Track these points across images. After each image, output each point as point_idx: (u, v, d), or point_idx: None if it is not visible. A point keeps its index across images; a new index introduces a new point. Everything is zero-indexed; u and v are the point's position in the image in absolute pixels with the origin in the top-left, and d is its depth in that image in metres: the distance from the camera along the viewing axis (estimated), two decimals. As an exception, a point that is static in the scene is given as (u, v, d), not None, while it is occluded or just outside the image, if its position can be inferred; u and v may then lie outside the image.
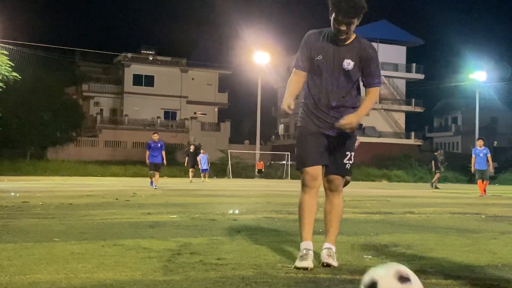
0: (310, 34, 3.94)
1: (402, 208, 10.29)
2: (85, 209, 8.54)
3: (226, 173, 43.16)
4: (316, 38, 3.89)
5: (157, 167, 18.09)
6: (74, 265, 3.71)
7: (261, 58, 47.42)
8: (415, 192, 20.53)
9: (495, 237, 5.82)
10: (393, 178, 46.00)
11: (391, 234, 5.89)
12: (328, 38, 3.85)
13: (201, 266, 3.74)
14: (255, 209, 9.17)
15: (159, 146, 18.09)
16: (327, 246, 3.94)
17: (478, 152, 18.14)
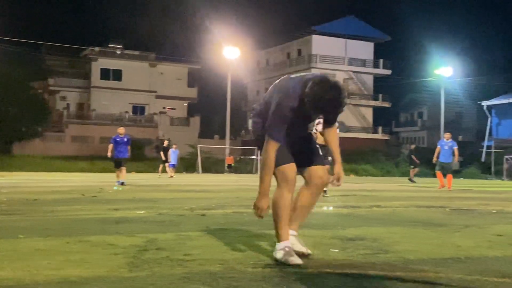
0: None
1: (369, 202, 10.40)
2: (51, 205, 8.42)
3: (195, 168, 43.01)
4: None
5: (123, 162, 17.13)
6: (39, 261, 3.66)
7: (231, 52, 47.32)
8: (382, 186, 20.79)
9: (459, 230, 5.93)
10: (361, 172, 46.41)
11: (358, 228, 5.96)
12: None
13: (167, 262, 3.72)
14: (224, 204, 9.17)
15: (125, 140, 17.22)
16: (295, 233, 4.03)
17: (444, 144, 18.36)
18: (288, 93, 3.75)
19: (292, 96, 3.73)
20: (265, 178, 3.83)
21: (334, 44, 60.66)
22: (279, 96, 3.79)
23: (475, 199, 12.69)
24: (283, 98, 3.76)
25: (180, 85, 62.80)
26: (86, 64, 60.15)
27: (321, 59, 59.92)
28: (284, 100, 3.75)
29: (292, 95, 3.73)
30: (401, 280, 3.33)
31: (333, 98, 3.55)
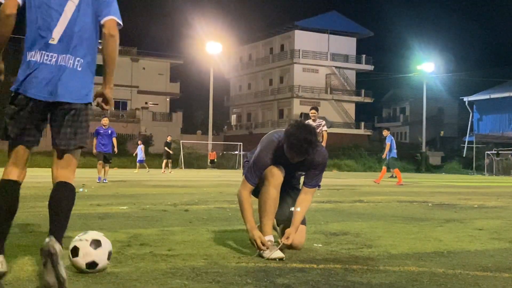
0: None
1: (352, 197, 10.46)
2: (32, 201, 8.33)
3: (178, 164, 42.90)
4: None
5: (108, 158, 15.64)
6: (21, 258, 3.63)
7: (213, 48, 47.21)
8: (365, 181, 20.90)
9: (441, 225, 5.98)
10: (344, 168, 46.65)
11: (341, 223, 5.99)
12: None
13: (151, 258, 3.71)
14: (206, 200, 9.16)
15: (109, 133, 15.47)
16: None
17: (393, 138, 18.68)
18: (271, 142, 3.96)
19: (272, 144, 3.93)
20: (245, 215, 3.95)
21: (316, 40, 60.80)
22: (261, 145, 4.00)
23: (456, 194, 12.82)
24: (263, 147, 3.97)
25: (162, 80, 62.54)
26: (68, 59, 59.58)
27: (304, 54, 60.05)
28: (263, 150, 3.96)
29: (275, 141, 3.93)
30: (385, 274, 3.35)
31: (304, 138, 3.69)
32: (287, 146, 3.76)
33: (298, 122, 3.82)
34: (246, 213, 3.94)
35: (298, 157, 3.79)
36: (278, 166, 3.92)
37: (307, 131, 3.73)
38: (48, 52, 3.09)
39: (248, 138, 55.21)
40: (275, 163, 3.92)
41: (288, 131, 3.77)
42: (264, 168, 3.92)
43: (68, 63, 3.10)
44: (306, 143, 3.70)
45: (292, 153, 3.78)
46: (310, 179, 4.09)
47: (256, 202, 4.01)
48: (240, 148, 45.10)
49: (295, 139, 3.70)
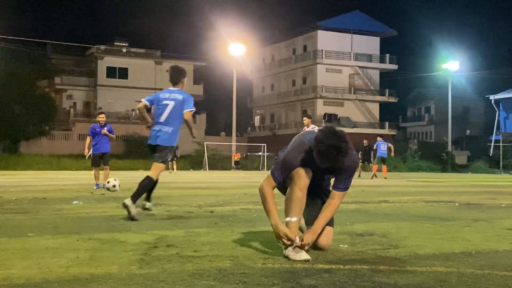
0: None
1: (377, 197, 10.39)
2: (59, 204, 8.44)
3: (202, 165, 43.06)
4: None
5: (107, 159, 13.57)
6: (49, 260, 3.67)
7: (236, 49, 47.28)
8: (390, 181, 20.74)
9: (468, 225, 5.91)
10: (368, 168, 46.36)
11: (366, 223, 5.95)
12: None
13: (177, 259, 3.73)
14: (231, 201, 9.17)
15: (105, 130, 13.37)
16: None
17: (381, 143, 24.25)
18: (301, 143, 3.93)
19: (303, 146, 3.90)
20: (268, 209, 3.94)
21: (339, 39, 60.52)
22: (292, 145, 3.99)
23: (483, 193, 12.64)
24: (293, 148, 3.96)
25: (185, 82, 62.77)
26: (92, 63, 60.31)
27: (327, 54, 59.81)
28: (293, 150, 3.94)
29: (306, 143, 3.90)
30: (412, 275, 3.32)
31: (333, 145, 3.66)
32: (316, 153, 3.73)
33: (329, 128, 3.77)
34: (270, 207, 3.92)
35: (327, 163, 3.76)
36: (306, 168, 3.89)
37: (337, 137, 3.69)
38: (159, 125, 6.83)
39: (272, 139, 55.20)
40: (304, 165, 3.90)
41: (318, 137, 3.73)
42: (291, 169, 3.90)
43: (165, 129, 6.81)
44: (335, 150, 3.67)
45: (321, 160, 3.74)
46: (339, 182, 4.06)
47: (280, 203, 4.00)
48: (263, 149, 45.08)
49: (324, 146, 3.67)
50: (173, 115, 6.75)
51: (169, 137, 6.79)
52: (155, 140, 6.75)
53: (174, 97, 6.78)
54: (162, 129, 6.74)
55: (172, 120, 6.76)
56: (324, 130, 3.76)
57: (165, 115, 6.76)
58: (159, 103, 6.81)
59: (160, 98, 6.84)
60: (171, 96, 6.81)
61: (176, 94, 6.82)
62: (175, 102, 6.75)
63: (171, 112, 6.74)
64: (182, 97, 6.78)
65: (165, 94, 6.88)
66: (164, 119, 6.76)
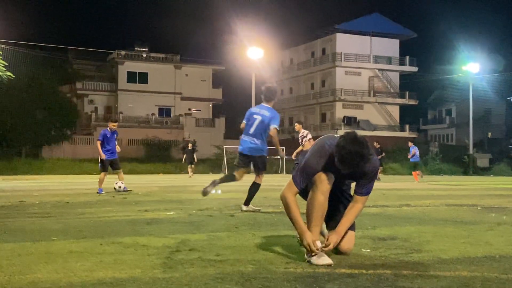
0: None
1: (398, 201, 10.32)
2: (82, 207, 8.53)
3: (221, 169, 43.15)
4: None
5: (117, 164, 13.70)
6: (73, 263, 3.71)
7: (255, 53, 47.34)
8: (411, 184, 20.58)
9: (491, 228, 5.85)
10: (388, 171, 46.04)
11: (388, 227, 5.91)
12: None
13: (200, 263, 3.75)
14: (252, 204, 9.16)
15: (115, 136, 13.55)
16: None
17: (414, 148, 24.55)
18: (322, 148, 3.92)
19: (324, 151, 3.89)
20: (293, 217, 3.92)
21: (358, 42, 60.28)
22: (312, 150, 3.98)
23: (506, 196, 12.50)
24: (314, 153, 3.94)
25: (204, 86, 63.10)
26: (113, 68, 60.83)
27: (346, 57, 59.61)
28: (314, 155, 3.92)
29: (327, 149, 3.88)
30: (436, 279, 3.30)
31: (355, 151, 3.66)
32: (338, 159, 3.72)
33: (350, 134, 3.76)
34: (295, 215, 3.91)
35: (349, 169, 3.76)
36: (327, 173, 3.89)
37: (359, 144, 3.68)
38: (248, 136, 7.85)
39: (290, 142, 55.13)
40: (325, 170, 3.89)
41: (340, 143, 3.72)
42: (313, 174, 3.90)
43: (254, 140, 7.82)
44: (357, 157, 3.67)
45: (343, 166, 3.74)
46: (360, 187, 4.07)
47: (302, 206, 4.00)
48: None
49: (346, 152, 3.66)
50: (260, 128, 7.77)
51: (259, 148, 7.88)
52: (248, 151, 7.88)
53: (262, 113, 7.80)
54: (252, 140, 7.83)
55: (259, 133, 7.78)
56: (346, 137, 3.75)
57: (254, 128, 7.79)
58: (251, 117, 7.89)
59: (252, 112, 7.96)
60: (260, 111, 7.84)
61: (265, 110, 7.83)
62: (263, 117, 7.75)
63: (257, 125, 7.76)
64: (269, 114, 7.75)
65: (256, 109, 7.99)
66: (253, 131, 7.81)
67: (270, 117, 7.76)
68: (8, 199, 10.70)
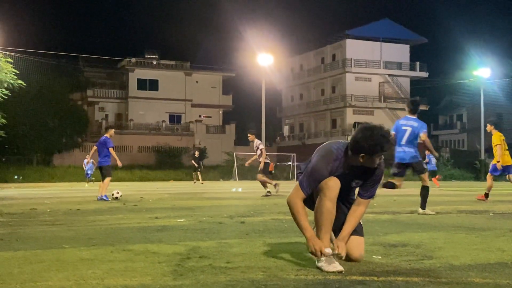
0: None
1: (410, 207, 10.26)
2: (92, 215, 8.56)
3: (232, 175, 43.18)
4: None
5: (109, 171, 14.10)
6: (84, 271, 3.72)
7: (265, 59, 47.41)
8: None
9: (503, 235, 5.80)
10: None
11: (400, 234, 5.88)
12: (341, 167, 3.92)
13: (210, 270, 3.75)
14: (262, 211, 9.17)
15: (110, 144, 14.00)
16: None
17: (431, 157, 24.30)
18: (329, 152, 3.89)
19: (331, 156, 3.87)
20: (301, 223, 3.90)
21: (368, 48, 60.20)
22: (318, 155, 3.93)
23: (518, 202, 12.38)
24: (321, 157, 3.90)
25: (215, 93, 63.27)
26: (123, 75, 61.15)
27: (356, 63, 59.54)
28: (321, 160, 3.88)
29: (335, 153, 3.87)
30: (448, 286, 3.27)
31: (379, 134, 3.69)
32: (369, 148, 3.68)
33: (364, 125, 3.78)
34: (303, 220, 3.88)
35: (381, 154, 3.74)
36: (334, 179, 3.86)
37: (376, 127, 3.72)
38: (401, 146, 8.52)
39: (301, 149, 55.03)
40: (332, 175, 3.88)
41: (359, 136, 3.71)
42: (321, 179, 3.86)
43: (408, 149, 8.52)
44: (383, 138, 3.69)
45: (376, 152, 3.71)
46: (365, 190, 4.04)
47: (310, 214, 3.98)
48: (293, 159, 44.99)
49: (374, 137, 3.66)
50: (411, 138, 8.57)
51: (414, 154, 8.60)
52: (405, 159, 8.60)
53: (411, 124, 8.64)
54: (405, 149, 8.57)
55: (410, 141, 8.57)
56: (361, 128, 3.75)
57: (405, 138, 8.57)
58: (400, 129, 8.68)
59: (400, 124, 8.77)
60: (408, 123, 8.67)
61: (412, 121, 8.68)
62: (412, 128, 8.59)
63: (409, 135, 8.56)
64: (418, 125, 8.63)
65: (403, 121, 8.80)
66: (405, 141, 8.58)
67: (419, 127, 8.63)
68: (19, 206, 10.77)
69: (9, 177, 37.45)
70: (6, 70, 21.83)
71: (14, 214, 8.75)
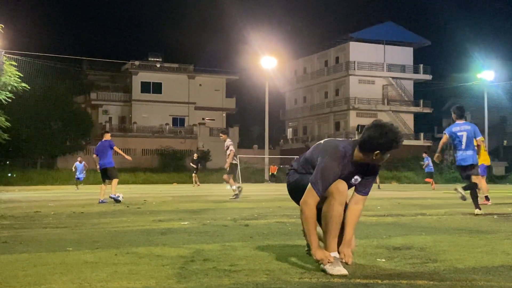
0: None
1: (414, 210, 10.25)
2: (96, 218, 8.57)
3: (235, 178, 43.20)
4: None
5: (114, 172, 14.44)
6: (88, 274, 3.72)
7: (268, 62, 47.44)
8: (426, 193, 20.44)
9: (508, 237, 5.78)
10: (403, 180, 45.83)
11: (404, 237, 5.87)
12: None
13: (214, 273, 3.74)
14: (266, 214, 9.16)
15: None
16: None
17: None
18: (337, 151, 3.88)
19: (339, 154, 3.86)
20: (310, 232, 3.84)
21: (372, 50, 60.21)
22: (327, 154, 3.89)
23: (523, 205, 12.35)
24: (331, 156, 3.87)
25: (218, 96, 63.33)
26: (127, 78, 61.27)
27: (359, 66, 59.56)
28: (332, 159, 3.85)
29: (342, 150, 3.87)
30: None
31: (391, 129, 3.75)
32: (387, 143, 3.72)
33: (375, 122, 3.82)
34: (312, 229, 3.83)
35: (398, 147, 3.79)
36: (343, 182, 3.85)
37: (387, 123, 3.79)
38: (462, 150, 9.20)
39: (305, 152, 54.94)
40: (341, 173, 3.86)
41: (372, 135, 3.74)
42: (335, 178, 3.81)
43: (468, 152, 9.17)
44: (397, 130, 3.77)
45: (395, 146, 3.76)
46: (364, 186, 4.03)
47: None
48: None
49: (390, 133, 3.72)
50: (468, 141, 9.20)
51: (474, 156, 9.28)
52: (468, 162, 9.23)
53: (465, 129, 9.29)
54: (466, 153, 9.19)
55: (468, 144, 9.20)
56: (373, 126, 3.78)
57: (464, 143, 9.21)
58: (455, 135, 9.30)
59: (454, 131, 9.34)
60: (461, 128, 9.31)
61: (465, 126, 9.34)
62: (468, 132, 9.24)
63: (466, 139, 9.21)
64: (471, 128, 9.28)
65: (456, 127, 9.37)
66: (464, 146, 9.21)
67: (473, 130, 9.29)
68: (23, 209, 10.79)
69: (13, 180, 37.51)
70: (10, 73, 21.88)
71: (18, 217, 8.76)
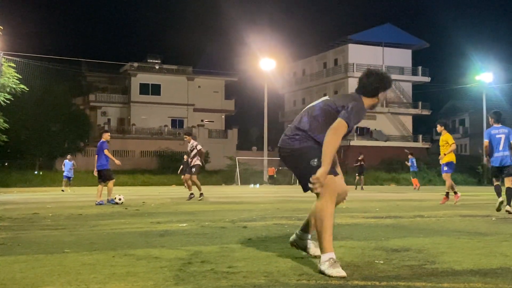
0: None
1: (412, 212, 10.25)
2: (95, 219, 8.56)
3: (234, 180, 43.17)
4: None
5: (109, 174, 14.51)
6: (86, 276, 3.72)
7: (267, 64, 47.46)
8: (424, 195, 20.44)
9: (506, 240, 5.78)
10: (402, 182, 45.81)
11: (402, 238, 5.87)
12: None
13: (212, 275, 3.74)
14: (264, 216, 9.16)
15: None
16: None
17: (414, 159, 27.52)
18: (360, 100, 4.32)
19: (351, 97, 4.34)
20: (330, 156, 3.85)
21: (371, 53, 60.27)
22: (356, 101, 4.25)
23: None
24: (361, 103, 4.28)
25: (217, 97, 63.35)
26: (126, 80, 61.27)
27: (358, 67, 59.61)
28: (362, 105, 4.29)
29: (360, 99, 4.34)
30: (450, 291, 3.26)
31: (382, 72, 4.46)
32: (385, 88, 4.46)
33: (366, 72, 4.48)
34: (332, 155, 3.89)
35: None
36: (342, 183, 4.03)
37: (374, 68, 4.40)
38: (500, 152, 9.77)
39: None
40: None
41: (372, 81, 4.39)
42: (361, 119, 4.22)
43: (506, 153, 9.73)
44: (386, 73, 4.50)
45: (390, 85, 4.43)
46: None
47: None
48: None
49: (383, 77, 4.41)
50: (506, 143, 9.76)
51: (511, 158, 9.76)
52: (507, 162, 9.71)
53: (503, 131, 9.88)
54: (504, 154, 9.75)
55: (506, 146, 9.76)
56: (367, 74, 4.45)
57: (502, 145, 9.76)
58: (494, 137, 9.86)
59: (492, 134, 9.90)
60: (500, 131, 9.90)
61: (502, 129, 9.92)
62: (505, 134, 9.82)
63: (504, 141, 9.76)
64: (507, 131, 9.87)
65: (494, 130, 9.97)
66: (502, 148, 9.76)
67: (509, 132, 9.84)
68: (21, 211, 10.78)
69: (12, 182, 37.47)
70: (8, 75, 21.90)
71: (16, 219, 8.75)
